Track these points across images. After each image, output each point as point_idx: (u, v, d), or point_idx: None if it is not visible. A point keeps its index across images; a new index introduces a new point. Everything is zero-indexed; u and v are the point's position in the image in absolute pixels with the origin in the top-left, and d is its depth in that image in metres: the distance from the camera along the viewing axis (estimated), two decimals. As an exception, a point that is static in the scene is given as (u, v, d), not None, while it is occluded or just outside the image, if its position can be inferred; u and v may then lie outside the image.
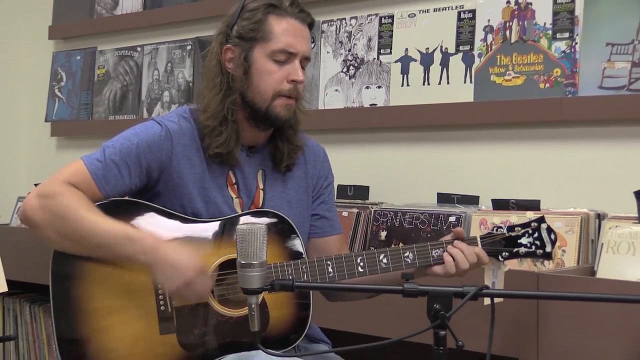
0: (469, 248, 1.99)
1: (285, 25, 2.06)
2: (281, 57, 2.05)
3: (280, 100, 2.07)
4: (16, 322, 3.78)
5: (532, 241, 2.03)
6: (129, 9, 3.86)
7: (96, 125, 3.92)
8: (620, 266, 2.20)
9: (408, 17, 2.95)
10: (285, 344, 2.04)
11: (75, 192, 1.99)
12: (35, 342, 3.71)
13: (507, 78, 2.71)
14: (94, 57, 4.01)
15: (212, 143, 2.06)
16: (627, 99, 2.46)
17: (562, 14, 2.61)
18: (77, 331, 2.02)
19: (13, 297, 3.74)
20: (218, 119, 2.06)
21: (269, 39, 2.05)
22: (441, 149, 2.91)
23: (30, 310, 3.72)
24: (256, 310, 1.67)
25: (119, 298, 2.01)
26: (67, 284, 2.03)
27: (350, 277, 2.00)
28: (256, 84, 2.06)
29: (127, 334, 2.01)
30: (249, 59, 2.06)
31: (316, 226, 2.25)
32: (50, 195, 2.00)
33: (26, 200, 2.04)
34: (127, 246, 1.94)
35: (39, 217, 2.00)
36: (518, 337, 2.20)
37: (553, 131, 2.66)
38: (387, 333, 2.38)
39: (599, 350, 2.07)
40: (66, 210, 1.97)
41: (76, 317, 2.02)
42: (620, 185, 2.46)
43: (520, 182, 2.71)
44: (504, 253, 2.03)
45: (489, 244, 2.03)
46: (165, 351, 2.01)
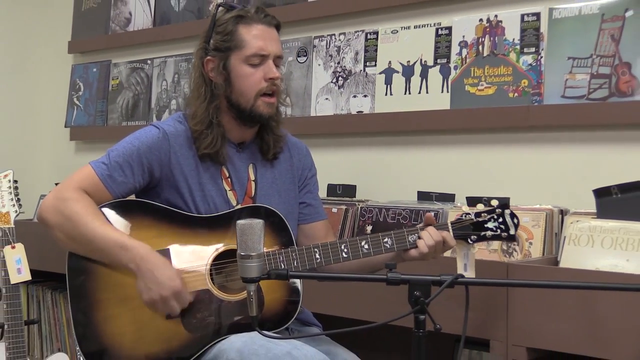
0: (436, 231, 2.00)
1: (254, 31, 2.09)
2: (255, 61, 2.08)
3: (262, 99, 2.10)
4: (39, 307, 3.77)
5: (497, 225, 2.04)
6: (140, 26, 3.86)
7: (110, 130, 3.91)
8: (581, 257, 2.20)
9: (391, 33, 2.94)
10: (279, 325, 2.04)
11: (84, 198, 2.02)
12: (56, 325, 3.70)
13: (480, 88, 2.71)
14: (108, 69, 4.00)
15: (200, 145, 2.10)
16: (586, 107, 2.47)
17: (529, 30, 2.61)
18: (91, 318, 2.02)
19: (36, 285, 3.73)
20: (204, 123, 2.09)
21: (242, 47, 2.08)
22: (421, 151, 2.91)
23: (52, 297, 3.71)
24: (254, 297, 1.67)
25: (127, 288, 2.01)
26: (81, 277, 2.04)
27: (335, 262, 2.01)
28: (238, 87, 2.09)
29: (135, 319, 2.01)
30: (227, 67, 2.09)
31: (304, 213, 2.26)
32: (62, 199, 2.02)
33: (42, 203, 2.07)
34: (120, 254, 1.97)
35: (52, 219, 2.03)
36: (489, 320, 2.20)
37: (521, 136, 2.66)
38: (372, 317, 2.37)
39: (561, 331, 2.07)
40: (74, 215, 1.99)
41: (90, 306, 2.03)
42: (581, 184, 2.46)
43: (491, 181, 2.71)
44: (473, 236, 2.04)
45: (459, 228, 2.03)
46: (170, 334, 2.01)
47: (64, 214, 2.00)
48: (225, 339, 2.00)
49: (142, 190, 2.11)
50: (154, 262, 1.95)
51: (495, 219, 2.04)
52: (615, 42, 2.43)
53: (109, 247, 1.97)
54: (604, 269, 2.12)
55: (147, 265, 1.95)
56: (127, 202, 2.09)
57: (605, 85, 2.44)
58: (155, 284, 1.94)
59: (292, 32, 3.18)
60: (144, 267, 1.95)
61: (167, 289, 1.94)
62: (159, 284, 1.94)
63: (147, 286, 1.96)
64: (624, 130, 2.45)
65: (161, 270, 1.95)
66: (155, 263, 1.95)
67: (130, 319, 2.01)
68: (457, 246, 2.06)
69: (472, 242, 2.05)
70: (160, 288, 1.94)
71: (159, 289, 1.94)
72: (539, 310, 2.11)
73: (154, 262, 1.95)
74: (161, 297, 1.95)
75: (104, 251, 1.98)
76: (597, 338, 2.02)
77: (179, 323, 2.01)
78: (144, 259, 1.95)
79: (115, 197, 2.06)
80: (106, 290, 2.03)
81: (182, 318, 2.01)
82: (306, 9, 3.15)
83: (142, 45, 3.87)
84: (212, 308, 2.02)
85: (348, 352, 2.14)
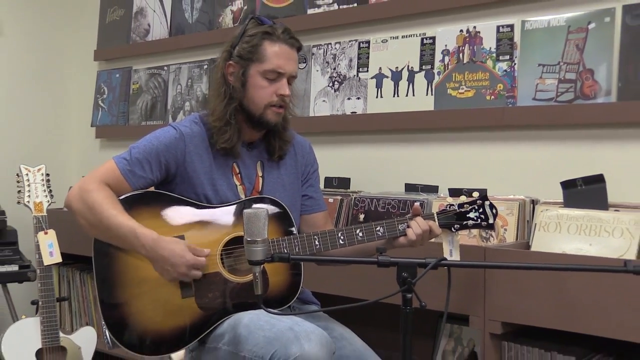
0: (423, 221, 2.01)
1: (277, 49, 2.06)
2: (272, 76, 2.06)
3: (270, 109, 2.08)
4: (69, 286, 3.77)
5: (478, 215, 2.04)
6: (157, 36, 3.85)
7: (131, 129, 3.91)
8: (549, 241, 2.20)
9: (381, 42, 2.94)
10: (282, 304, 2.04)
11: (105, 190, 2.01)
12: (84, 302, 3.70)
13: (461, 91, 2.70)
14: (129, 74, 3.99)
15: (219, 140, 2.08)
16: (555, 108, 2.46)
17: (504, 40, 2.61)
18: (114, 297, 2.02)
19: (66, 266, 3.73)
20: (223, 120, 2.08)
21: (262, 60, 2.05)
22: (408, 148, 2.90)
23: (80, 277, 3.71)
24: (260, 278, 1.67)
25: (145, 271, 2.01)
26: (105, 260, 2.04)
27: (332, 247, 2.01)
28: (251, 95, 2.07)
29: (154, 298, 2.01)
30: (246, 75, 2.07)
31: (306, 205, 2.26)
32: (86, 189, 2.02)
33: (69, 193, 2.07)
34: (133, 241, 1.96)
35: (76, 207, 2.03)
36: (469, 298, 2.20)
37: (497, 134, 2.66)
38: (365, 296, 2.37)
39: (532, 307, 2.08)
40: (95, 204, 1.98)
41: (113, 286, 2.03)
42: (549, 177, 2.46)
43: (471, 174, 2.71)
44: (456, 225, 2.04)
45: (444, 218, 2.03)
46: (186, 311, 2.01)
47: (87, 203, 2.00)
48: (234, 315, 2.00)
49: (159, 184, 2.11)
50: (162, 246, 1.95)
51: (476, 209, 2.04)
52: (580, 51, 2.43)
53: (124, 234, 1.96)
54: (570, 252, 2.13)
55: (157, 251, 1.95)
56: (146, 193, 2.08)
57: (571, 89, 2.44)
58: (170, 265, 1.95)
59: (293, 42, 3.17)
60: (155, 253, 1.95)
61: (182, 266, 1.94)
62: (173, 264, 1.94)
63: (164, 268, 1.96)
64: (588, 129, 2.45)
65: (171, 251, 1.94)
66: (164, 247, 1.95)
67: (149, 298, 2.01)
68: (442, 234, 2.07)
69: (455, 230, 2.06)
70: (176, 267, 1.94)
71: (175, 268, 1.94)
72: (512, 289, 2.12)
73: (163, 246, 1.95)
74: (179, 274, 1.95)
75: (120, 238, 1.98)
76: (563, 313, 2.03)
77: (193, 301, 2.01)
78: (153, 245, 1.95)
79: (134, 189, 2.05)
80: (127, 272, 2.03)
81: (195, 297, 2.01)
82: (305, 20, 3.15)
83: (159, 53, 3.86)
84: (223, 288, 2.02)
85: (344, 327, 2.14)
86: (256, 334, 1.87)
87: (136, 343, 2.02)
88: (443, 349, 2.63)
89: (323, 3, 3.13)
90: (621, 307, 1.93)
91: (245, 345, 1.88)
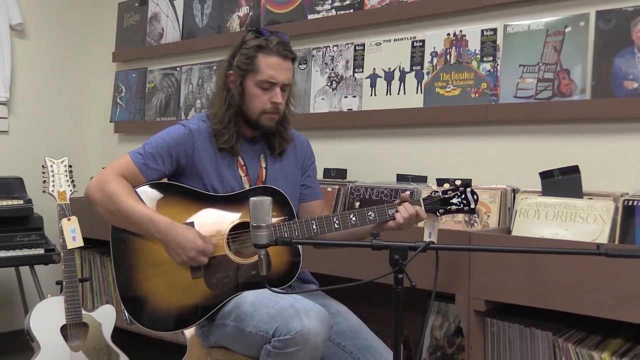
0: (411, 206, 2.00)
1: (269, 61, 2.05)
2: (265, 85, 2.06)
3: (265, 115, 2.09)
4: (90, 268, 3.77)
5: (460, 200, 2.04)
6: (170, 40, 3.83)
7: (147, 125, 3.90)
8: (529, 227, 2.20)
9: (375, 45, 2.93)
10: (283, 283, 2.04)
11: (122, 181, 2.02)
12: (104, 282, 3.70)
13: (448, 90, 2.69)
14: (145, 75, 3.98)
15: (219, 140, 2.09)
16: (534, 105, 2.46)
17: (487, 43, 2.60)
18: (130, 279, 2.02)
19: (87, 250, 3.73)
20: (223, 123, 2.09)
21: (257, 72, 2.05)
22: (399, 141, 2.90)
23: (100, 260, 3.71)
24: (264, 260, 1.67)
25: (158, 254, 2.01)
26: (121, 245, 2.04)
27: (329, 231, 2.01)
28: (248, 103, 2.08)
29: (167, 279, 2.01)
30: (243, 84, 2.08)
31: (304, 194, 2.26)
32: (104, 181, 2.02)
33: (88, 184, 2.07)
34: (149, 227, 1.97)
35: (96, 197, 2.03)
36: (455, 278, 2.20)
37: (481, 129, 2.65)
38: (360, 276, 2.37)
39: (513, 286, 2.08)
40: (113, 194, 1.98)
41: (129, 268, 2.03)
42: (529, 168, 2.46)
43: (457, 165, 2.71)
44: (440, 210, 2.03)
45: (429, 203, 2.03)
46: (195, 291, 2.01)
47: (105, 193, 2.00)
48: (240, 294, 2.00)
49: (171, 176, 2.11)
50: (175, 231, 1.95)
51: (459, 195, 2.04)
52: (557, 53, 2.42)
53: (140, 221, 1.96)
54: (548, 237, 2.13)
55: (170, 235, 1.95)
56: (159, 184, 2.08)
57: (549, 87, 2.43)
58: (181, 249, 1.95)
59: (294, 45, 3.10)
60: (169, 237, 1.95)
61: (191, 250, 1.94)
62: (184, 248, 1.94)
63: (175, 252, 1.96)
64: (564, 125, 2.45)
65: (183, 237, 1.95)
66: (177, 232, 1.95)
67: (162, 279, 2.01)
68: (427, 218, 2.06)
69: (439, 214, 2.05)
70: (186, 251, 1.94)
71: (185, 252, 1.94)
72: (495, 270, 2.11)
73: (176, 231, 1.95)
74: (189, 258, 1.95)
75: (136, 224, 1.98)
76: (541, 292, 2.02)
77: (202, 282, 2.01)
78: (167, 230, 1.95)
79: (147, 180, 2.05)
80: (142, 256, 2.03)
81: (204, 278, 2.01)
82: (306, 25, 3.14)
83: (172, 55, 3.85)
84: (229, 270, 2.02)
85: (340, 304, 2.14)
86: (260, 311, 1.86)
87: (151, 320, 2.02)
88: (431, 325, 2.63)
89: (322, 9, 3.12)
90: (594, 287, 1.93)
91: (250, 321, 1.88)
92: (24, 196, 3.54)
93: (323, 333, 1.79)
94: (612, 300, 1.90)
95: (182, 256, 1.95)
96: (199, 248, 1.94)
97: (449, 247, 1.87)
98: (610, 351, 1.98)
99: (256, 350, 1.88)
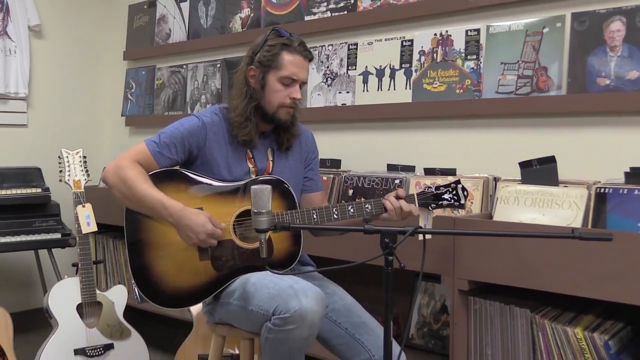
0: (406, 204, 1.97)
1: (293, 59, 2.03)
2: (287, 81, 2.03)
3: (283, 109, 2.06)
4: (104, 251, 3.77)
5: (452, 196, 2.03)
6: (177, 39, 3.82)
7: (155, 118, 3.89)
8: (509, 212, 2.20)
9: (367, 45, 2.92)
10: (285, 267, 2.04)
11: (137, 167, 2.00)
12: (117, 264, 3.71)
13: (435, 86, 2.69)
14: (154, 72, 3.96)
15: (239, 133, 2.06)
16: (514, 100, 2.46)
17: (471, 42, 2.59)
18: (142, 258, 2.01)
19: (101, 234, 3.73)
20: (244, 116, 2.05)
21: (280, 68, 2.02)
22: (390, 134, 2.90)
23: (113, 243, 3.71)
24: (264, 243, 1.67)
25: (168, 236, 2.00)
26: (135, 226, 2.03)
27: (328, 221, 2.00)
28: (268, 97, 2.04)
29: (176, 260, 2.01)
30: (265, 79, 2.04)
31: (306, 185, 2.25)
32: (120, 166, 2.00)
33: (106, 168, 2.05)
34: (161, 210, 1.95)
35: (112, 181, 2.01)
36: (441, 260, 2.20)
37: (465, 122, 2.65)
38: (353, 258, 2.38)
39: (494, 267, 2.08)
40: (128, 179, 1.96)
41: (141, 250, 2.02)
42: (509, 158, 2.46)
43: (443, 156, 2.71)
44: (432, 205, 2.03)
45: (423, 199, 2.02)
46: (202, 271, 2.01)
47: (121, 178, 1.98)
48: (243, 275, 2.00)
49: (183, 164, 2.09)
50: (187, 215, 1.94)
51: (450, 191, 2.02)
52: (536, 51, 2.42)
53: (153, 205, 1.95)
54: (527, 222, 2.13)
55: (182, 219, 1.93)
56: (171, 171, 2.06)
57: (528, 83, 2.43)
58: (192, 232, 1.93)
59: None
60: (181, 221, 1.94)
61: (202, 233, 1.93)
62: (195, 231, 1.93)
63: (187, 235, 1.95)
64: (542, 118, 2.45)
65: (194, 220, 1.93)
66: (188, 217, 1.93)
67: (172, 260, 2.01)
68: (420, 212, 2.05)
69: (432, 209, 2.04)
70: (197, 234, 1.93)
71: (196, 235, 1.93)
72: (478, 252, 2.12)
73: (187, 215, 1.94)
74: (199, 240, 1.94)
75: (150, 208, 1.96)
76: (520, 272, 2.03)
77: (209, 263, 2.00)
78: (179, 214, 1.93)
79: (160, 166, 2.03)
80: (153, 237, 2.02)
81: (211, 260, 2.00)
82: (303, 26, 3.12)
83: (179, 54, 3.83)
84: (234, 253, 2.02)
85: (335, 285, 2.15)
86: (262, 291, 1.87)
87: (161, 298, 2.02)
88: (419, 303, 2.64)
89: (318, 11, 3.10)
90: (568, 267, 1.94)
91: (252, 300, 1.88)
92: (42, 185, 3.55)
93: (319, 312, 1.79)
94: (584, 279, 1.91)
95: (193, 239, 1.94)
96: (209, 231, 1.94)
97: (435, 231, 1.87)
98: (582, 326, 1.99)
99: (257, 327, 1.88)
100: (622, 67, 2.23)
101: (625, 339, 2.02)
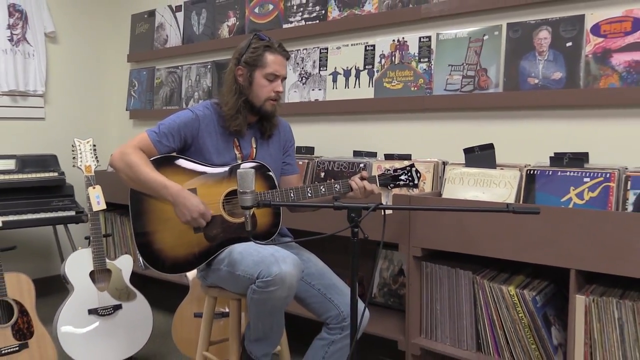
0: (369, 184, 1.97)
1: (275, 58, 2.01)
2: (271, 77, 2.02)
3: (268, 102, 2.04)
4: (112, 226, 3.73)
5: (407, 177, 2.03)
6: (173, 44, 3.75)
7: (155, 112, 3.83)
8: (455, 191, 2.22)
9: (336, 49, 2.90)
10: (266, 238, 2.03)
11: (139, 153, 1.97)
12: (123, 237, 3.66)
13: (393, 84, 2.69)
14: (153, 72, 3.90)
15: (231, 124, 2.04)
16: (459, 96, 2.46)
17: (424, 47, 2.59)
18: (144, 230, 1.99)
19: (109, 211, 3.68)
20: (234, 109, 2.03)
21: (264, 66, 2.00)
22: (356, 125, 2.89)
23: (120, 219, 3.67)
24: (249, 218, 1.66)
25: (167, 213, 1.98)
26: (138, 205, 2.01)
27: (303, 199, 1.99)
28: (255, 92, 2.03)
29: (174, 232, 1.99)
30: (252, 77, 2.02)
31: (284, 169, 2.24)
32: (125, 153, 1.97)
33: (113, 155, 2.02)
34: (162, 191, 1.93)
35: (118, 165, 1.98)
36: (398, 231, 2.22)
37: (419, 115, 2.66)
38: (325, 230, 2.38)
39: (443, 237, 2.10)
40: (133, 163, 1.94)
41: (144, 222, 1.99)
42: (456, 145, 2.48)
43: (400, 143, 2.71)
44: (391, 185, 2.03)
45: (383, 179, 2.02)
46: (196, 243, 1.99)
47: (126, 162, 1.95)
48: (231, 246, 1.99)
49: (179, 151, 2.07)
50: (184, 196, 1.92)
51: (406, 173, 2.03)
52: (477, 55, 2.42)
53: (155, 186, 1.93)
54: (470, 198, 2.15)
55: (179, 199, 1.92)
56: (169, 156, 2.04)
57: (471, 82, 2.44)
58: (187, 210, 1.92)
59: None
60: (178, 200, 1.92)
61: (195, 212, 1.92)
62: (189, 210, 1.92)
63: (182, 212, 1.93)
64: (483, 112, 2.46)
65: (189, 201, 1.92)
66: (185, 197, 1.92)
67: (170, 233, 1.99)
68: (382, 191, 2.05)
69: (390, 188, 2.04)
70: (191, 212, 1.91)
71: (190, 213, 1.92)
72: (429, 224, 2.14)
73: (184, 195, 1.92)
74: (192, 218, 1.92)
75: (152, 189, 1.94)
76: (464, 240, 2.05)
77: (202, 236, 1.99)
78: (177, 194, 1.92)
79: (160, 153, 2.01)
80: (154, 213, 1.99)
81: (204, 233, 1.99)
82: (281, 33, 3.09)
83: (175, 56, 3.77)
84: (224, 227, 2.00)
85: (310, 253, 2.15)
86: (247, 258, 1.86)
87: (161, 265, 2.00)
88: (380, 267, 2.66)
89: (294, 20, 3.07)
90: (503, 236, 1.96)
91: (239, 266, 1.88)
92: (58, 169, 3.51)
93: (296, 275, 1.80)
94: (517, 246, 1.94)
95: (186, 216, 1.93)
96: (201, 211, 1.92)
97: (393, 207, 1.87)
98: (514, 285, 2.03)
99: (244, 289, 1.88)
100: (548, 69, 2.25)
101: (549, 294, 2.05)
